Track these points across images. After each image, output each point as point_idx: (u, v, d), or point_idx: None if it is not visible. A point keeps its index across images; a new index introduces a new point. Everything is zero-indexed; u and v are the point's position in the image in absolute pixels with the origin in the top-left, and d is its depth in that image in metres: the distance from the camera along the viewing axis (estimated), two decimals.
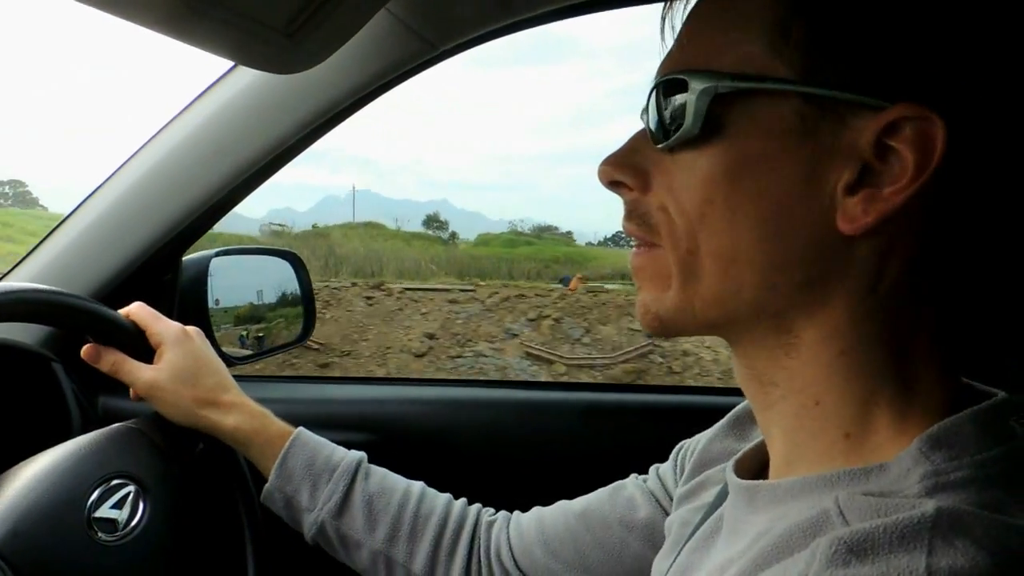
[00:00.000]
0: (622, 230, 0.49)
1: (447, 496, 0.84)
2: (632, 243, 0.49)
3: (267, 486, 0.81)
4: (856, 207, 0.39)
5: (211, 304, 1.05)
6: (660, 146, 0.44)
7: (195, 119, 0.97)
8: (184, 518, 0.75)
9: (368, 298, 8.93)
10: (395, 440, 1.11)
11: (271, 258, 1.21)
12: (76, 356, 0.81)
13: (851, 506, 0.37)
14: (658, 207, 0.45)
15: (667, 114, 0.44)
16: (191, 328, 0.85)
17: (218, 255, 1.08)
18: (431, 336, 8.01)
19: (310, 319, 1.18)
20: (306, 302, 1.18)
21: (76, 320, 0.77)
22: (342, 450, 0.84)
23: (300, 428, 0.84)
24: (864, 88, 0.38)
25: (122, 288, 1.00)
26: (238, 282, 1.17)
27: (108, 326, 0.80)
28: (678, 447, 0.73)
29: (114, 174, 1.01)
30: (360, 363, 7.52)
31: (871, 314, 0.41)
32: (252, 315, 1.17)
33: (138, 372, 0.79)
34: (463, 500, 0.84)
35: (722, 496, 0.54)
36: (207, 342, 0.86)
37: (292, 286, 1.19)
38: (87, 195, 1.02)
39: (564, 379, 7.19)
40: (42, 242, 1.02)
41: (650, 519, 0.72)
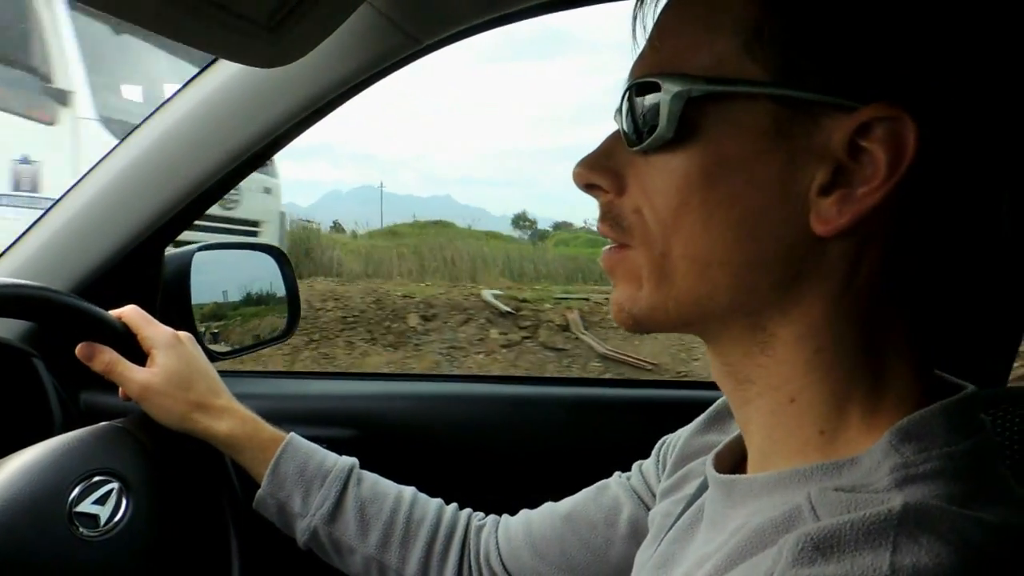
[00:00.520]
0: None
1: (438, 501, 0.84)
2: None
3: (259, 492, 0.81)
4: (830, 208, 0.39)
5: (194, 299, 1.04)
6: (634, 149, 0.44)
7: (178, 112, 0.96)
8: (168, 517, 0.75)
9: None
10: (379, 436, 1.11)
11: (255, 253, 1.20)
12: (56, 352, 0.80)
13: (822, 501, 0.38)
14: (632, 209, 0.45)
15: (641, 117, 0.43)
16: (183, 333, 0.85)
17: (201, 250, 1.07)
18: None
19: (294, 315, 1.18)
20: (290, 298, 1.18)
21: (66, 319, 0.77)
22: (334, 456, 0.84)
23: (292, 433, 0.84)
24: (837, 89, 0.38)
25: (104, 282, 0.99)
26: (221, 277, 1.16)
27: (99, 327, 0.79)
28: (660, 442, 0.74)
29: (95, 168, 1.00)
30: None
31: (846, 312, 0.41)
32: (232, 311, 1.17)
33: (131, 374, 0.79)
34: (454, 505, 0.85)
35: (703, 488, 0.54)
36: (198, 347, 0.86)
37: (276, 281, 1.18)
38: (68, 188, 1.01)
39: None
40: (23, 235, 1.01)
41: (634, 517, 0.73)
